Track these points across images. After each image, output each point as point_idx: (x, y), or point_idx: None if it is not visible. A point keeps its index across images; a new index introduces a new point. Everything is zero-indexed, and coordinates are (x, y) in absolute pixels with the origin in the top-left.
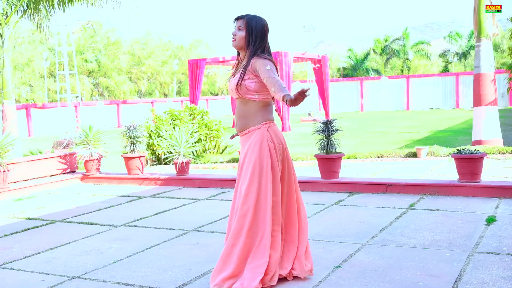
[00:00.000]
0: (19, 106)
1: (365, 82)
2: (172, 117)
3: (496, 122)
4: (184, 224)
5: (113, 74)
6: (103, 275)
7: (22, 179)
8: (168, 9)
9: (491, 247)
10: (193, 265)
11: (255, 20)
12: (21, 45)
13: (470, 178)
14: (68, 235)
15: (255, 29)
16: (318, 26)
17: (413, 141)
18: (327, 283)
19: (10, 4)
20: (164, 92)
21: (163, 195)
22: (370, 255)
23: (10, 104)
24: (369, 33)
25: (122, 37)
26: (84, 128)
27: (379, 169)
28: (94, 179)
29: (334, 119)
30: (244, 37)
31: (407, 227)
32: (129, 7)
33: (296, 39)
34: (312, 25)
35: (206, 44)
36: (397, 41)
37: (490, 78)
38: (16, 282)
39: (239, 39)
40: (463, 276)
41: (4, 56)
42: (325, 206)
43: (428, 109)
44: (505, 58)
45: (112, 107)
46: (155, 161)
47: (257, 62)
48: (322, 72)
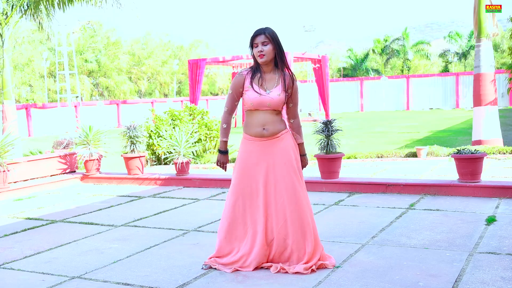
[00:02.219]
0: (19, 106)
1: (365, 82)
2: (172, 117)
3: (496, 122)
4: (184, 224)
5: (113, 74)
6: (103, 275)
7: (22, 179)
8: (168, 9)
9: (491, 247)
10: (193, 265)
11: (274, 32)
12: (21, 45)
13: (470, 178)
14: (68, 235)
15: (278, 41)
16: (318, 26)
17: (413, 141)
18: (327, 283)
19: (10, 4)
20: (164, 92)
21: (163, 195)
22: (370, 255)
23: (10, 104)
24: (369, 33)
25: (122, 37)
26: (84, 128)
27: (379, 169)
28: (94, 179)
29: (334, 119)
30: (272, 50)
31: (407, 227)
32: (129, 7)
33: (296, 39)
34: (312, 25)
35: (206, 44)
36: (397, 41)
37: (490, 78)
38: (16, 282)
39: (268, 54)
40: (463, 276)
41: (4, 56)
42: (325, 206)
43: (428, 109)
44: (505, 58)
45: (112, 107)
46: (155, 161)
47: (295, 86)
48: (322, 72)
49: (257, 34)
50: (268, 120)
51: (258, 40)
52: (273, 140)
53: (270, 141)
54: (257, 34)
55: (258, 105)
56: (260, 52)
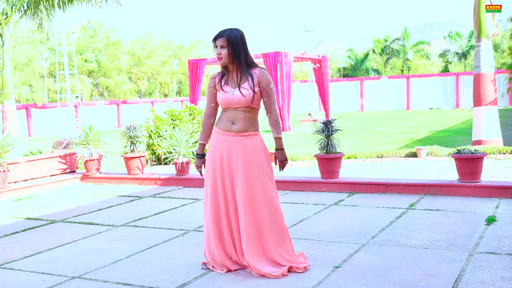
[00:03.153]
0: (19, 106)
1: (365, 82)
2: (172, 117)
3: (496, 122)
4: (184, 224)
5: (113, 74)
6: (103, 275)
7: (22, 179)
8: (168, 9)
9: (491, 247)
10: (193, 265)
11: (233, 34)
12: (21, 45)
13: (470, 178)
14: (68, 235)
15: (236, 43)
16: (318, 26)
17: (413, 141)
18: (327, 283)
19: (10, 4)
20: (164, 92)
21: (163, 195)
22: (370, 255)
23: (10, 104)
24: (369, 33)
25: (122, 37)
26: (84, 128)
27: (379, 169)
28: (94, 179)
29: (334, 119)
30: (229, 53)
31: (407, 227)
32: (129, 7)
33: (296, 39)
34: (312, 25)
35: (206, 44)
36: (397, 41)
37: (490, 78)
38: (16, 282)
39: (225, 57)
40: (463, 276)
41: (4, 56)
42: (325, 206)
43: (428, 109)
44: (505, 58)
45: (112, 107)
46: (155, 161)
47: (263, 78)
48: (322, 72)
49: (218, 36)
50: (238, 116)
51: (217, 42)
52: (239, 137)
53: (236, 138)
54: (218, 36)
55: (228, 104)
56: (218, 55)
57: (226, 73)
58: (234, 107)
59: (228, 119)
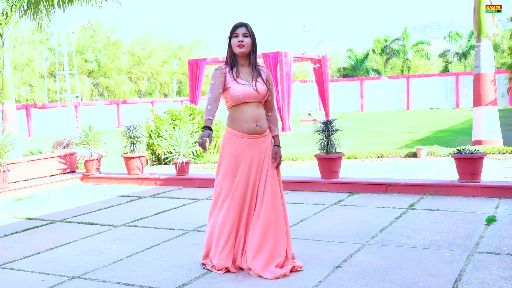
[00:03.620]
0: (19, 106)
1: (365, 82)
2: (172, 117)
3: (496, 122)
4: (184, 224)
5: (113, 74)
6: (103, 275)
7: (22, 179)
8: (168, 9)
9: (491, 247)
10: (193, 265)
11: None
12: (21, 45)
13: (470, 178)
14: (68, 235)
15: (254, 35)
16: (318, 26)
17: (413, 141)
18: (327, 283)
19: (10, 4)
20: (164, 92)
21: (163, 195)
22: (370, 255)
23: (10, 104)
24: (369, 33)
25: (122, 37)
26: (84, 128)
27: (379, 169)
28: (94, 179)
29: (334, 119)
30: (251, 44)
31: (407, 227)
32: (129, 7)
33: (296, 39)
34: (312, 25)
35: (206, 44)
36: (397, 41)
37: (490, 78)
38: (16, 282)
39: (248, 45)
40: (463, 276)
41: (4, 56)
42: (325, 206)
43: (428, 109)
44: (505, 58)
45: (112, 107)
46: (155, 161)
47: (269, 77)
48: (322, 72)
49: (239, 25)
50: (261, 115)
51: (239, 31)
52: (262, 138)
53: (260, 139)
54: (239, 25)
55: (245, 97)
56: (240, 42)
57: (235, 66)
58: (251, 101)
59: (250, 118)
